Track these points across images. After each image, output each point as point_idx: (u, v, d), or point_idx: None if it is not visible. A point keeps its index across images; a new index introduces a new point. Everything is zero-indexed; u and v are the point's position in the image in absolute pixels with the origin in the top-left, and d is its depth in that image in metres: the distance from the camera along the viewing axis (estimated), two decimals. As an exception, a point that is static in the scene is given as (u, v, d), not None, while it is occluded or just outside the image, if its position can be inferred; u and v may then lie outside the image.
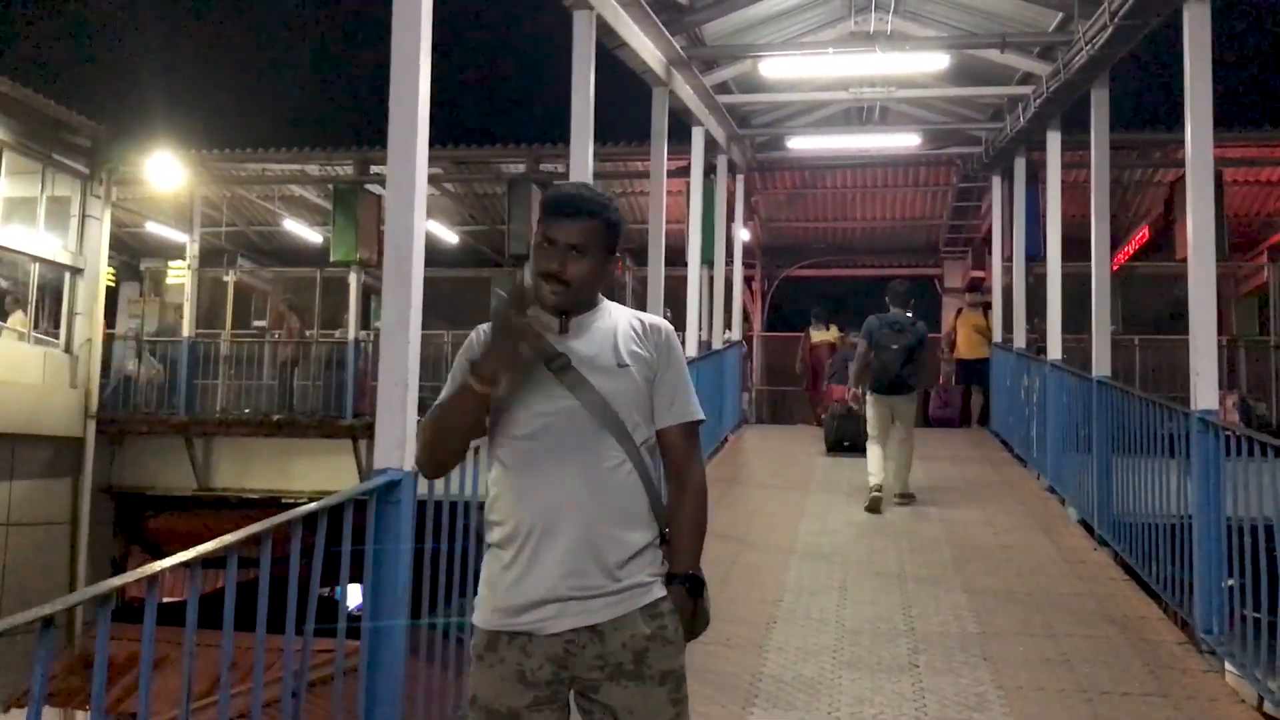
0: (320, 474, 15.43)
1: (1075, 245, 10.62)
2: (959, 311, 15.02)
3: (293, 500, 15.10)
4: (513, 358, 2.26)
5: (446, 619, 4.93)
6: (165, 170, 15.24)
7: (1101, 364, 8.22)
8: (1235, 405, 14.02)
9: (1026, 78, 10.62)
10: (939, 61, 9.99)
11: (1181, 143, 14.43)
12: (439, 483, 4.20)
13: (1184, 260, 14.09)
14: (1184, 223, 14.17)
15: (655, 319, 2.54)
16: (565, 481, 2.32)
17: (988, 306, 14.76)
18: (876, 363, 8.58)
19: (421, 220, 3.93)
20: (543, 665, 2.30)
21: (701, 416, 2.51)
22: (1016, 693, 4.65)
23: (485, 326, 2.42)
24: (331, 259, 15.99)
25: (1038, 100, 9.63)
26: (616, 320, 2.48)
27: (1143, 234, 17.22)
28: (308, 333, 17.21)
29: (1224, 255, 15.17)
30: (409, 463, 3.76)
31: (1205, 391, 5.53)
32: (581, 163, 6.77)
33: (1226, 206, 14.56)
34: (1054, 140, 10.38)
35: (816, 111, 14.06)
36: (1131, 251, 17.65)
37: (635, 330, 2.47)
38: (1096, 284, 8.55)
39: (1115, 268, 18.45)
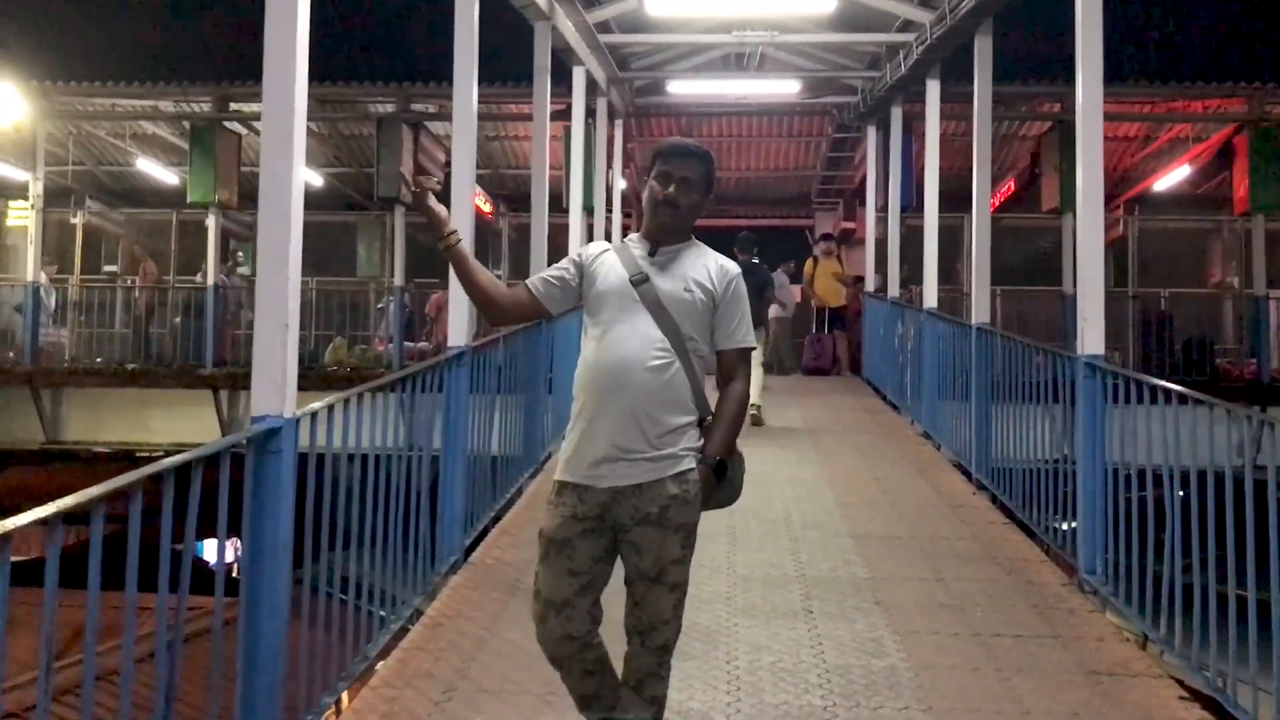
0: (179, 426, 14.76)
1: (944, 198, 10.80)
2: (815, 260, 15.11)
3: (148, 454, 14.41)
4: (424, 209, 3.14)
5: (330, 576, 4.71)
6: (3, 102, 14.20)
7: (980, 311, 8.32)
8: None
9: (907, 25, 10.64)
10: (825, 4, 9.85)
11: (1049, 96, 14.92)
12: (320, 433, 3.95)
13: (1050, 213, 14.66)
14: (1050, 176, 14.70)
15: (728, 263, 3.20)
16: (625, 368, 3.00)
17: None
18: None
19: (301, 149, 3.63)
20: (592, 508, 3.03)
21: (754, 345, 3.23)
22: (912, 637, 4.64)
23: (597, 244, 3.32)
24: (188, 200, 15.21)
25: (920, 47, 9.63)
26: (697, 257, 3.17)
27: (1008, 187, 17.63)
28: (164, 278, 16.38)
29: (1088, 208, 15.65)
30: (290, 408, 3.48)
31: (1092, 336, 5.57)
32: (466, 102, 6.38)
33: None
34: (933, 89, 10.44)
35: (697, 56, 13.89)
36: (996, 204, 18.04)
37: (709, 268, 3.15)
38: (977, 233, 8.63)
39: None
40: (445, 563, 5.55)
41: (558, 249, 11.21)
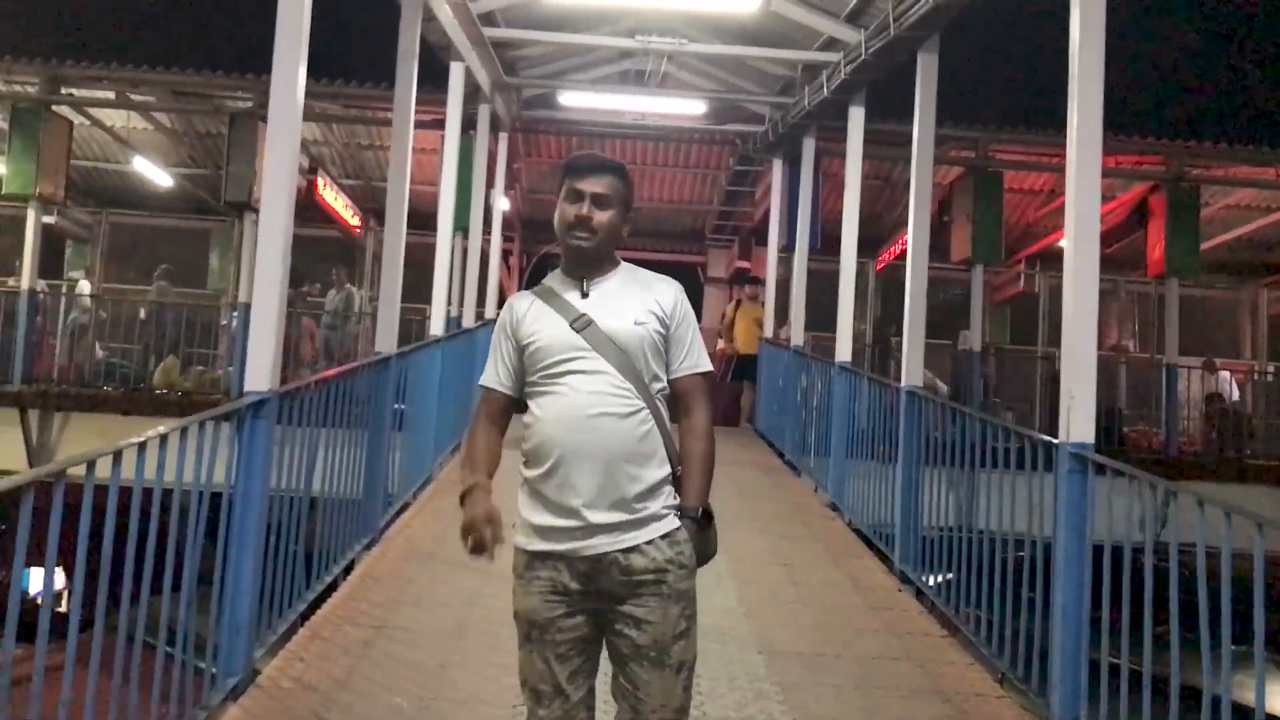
0: (-24, 448, 12.81)
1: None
2: (738, 303, 14.07)
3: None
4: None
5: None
6: None
7: (913, 372, 7.12)
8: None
9: (831, 43, 9.51)
10: (749, 1, 8.42)
11: (961, 141, 14.02)
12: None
13: (960, 263, 13.72)
14: (961, 224, 13.81)
15: (666, 280, 2.86)
16: (594, 421, 2.64)
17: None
18: None
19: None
20: (573, 580, 2.65)
21: (711, 368, 2.86)
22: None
23: (519, 299, 2.89)
24: (4, 191, 13.29)
25: (849, 65, 8.46)
26: (635, 283, 2.82)
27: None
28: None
29: (1001, 259, 14.86)
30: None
31: (1080, 420, 4.42)
32: (289, 98, 4.61)
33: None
34: (857, 116, 9.30)
35: (595, 69, 12.62)
36: (897, 252, 17.24)
37: (653, 292, 2.80)
38: (911, 285, 7.41)
39: (880, 267, 18.16)
40: (221, 688, 4.07)
41: (424, 270, 9.77)
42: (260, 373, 4.34)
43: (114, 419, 12.72)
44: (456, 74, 9.07)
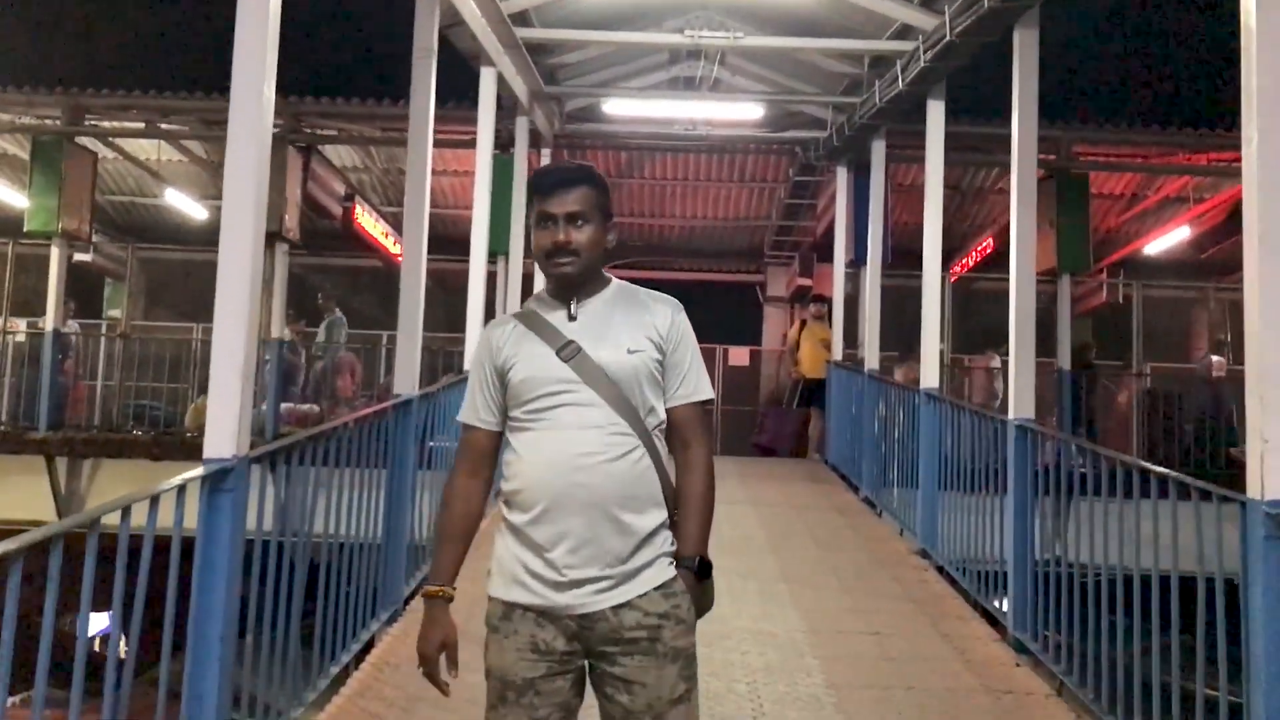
0: (3, 499, 12.19)
1: (910, 256, 8.74)
2: (802, 323, 13.12)
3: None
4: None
5: None
6: None
7: (1023, 404, 5.99)
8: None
9: (904, 31, 8.50)
10: None
11: (1042, 140, 12.90)
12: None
13: (1045, 274, 12.56)
14: (1045, 232, 12.63)
15: (663, 297, 2.59)
16: (581, 464, 2.39)
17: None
18: None
19: None
20: (557, 637, 2.39)
21: (711, 395, 2.58)
22: None
23: (497, 324, 2.60)
24: (26, 229, 12.68)
25: (930, 50, 7.43)
26: (627, 303, 2.55)
27: (986, 244, 15.68)
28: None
29: (1089, 268, 13.71)
30: None
31: (1277, 471, 3.36)
32: (253, 109, 3.87)
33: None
34: (936, 111, 8.21)
35: (641, 77, 11.72)
36: (973, 263, 16.12)
37: (649, 312, 2.53)
38: (1017, 304, 6.18)
39: (954, 279, 17.03)
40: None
41: (454, 295, 8.95)
42: (223, 434, 3.45)
43: (143, 465, 12.06)
44: (488, 79, 8.18)
